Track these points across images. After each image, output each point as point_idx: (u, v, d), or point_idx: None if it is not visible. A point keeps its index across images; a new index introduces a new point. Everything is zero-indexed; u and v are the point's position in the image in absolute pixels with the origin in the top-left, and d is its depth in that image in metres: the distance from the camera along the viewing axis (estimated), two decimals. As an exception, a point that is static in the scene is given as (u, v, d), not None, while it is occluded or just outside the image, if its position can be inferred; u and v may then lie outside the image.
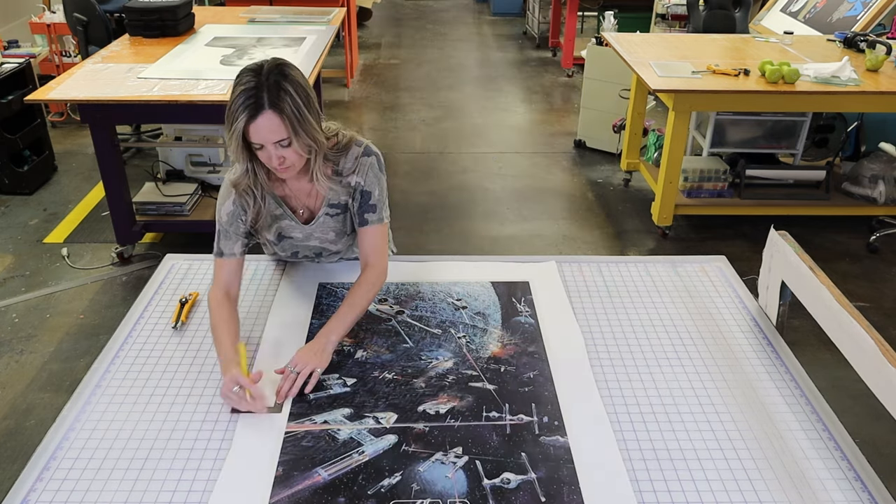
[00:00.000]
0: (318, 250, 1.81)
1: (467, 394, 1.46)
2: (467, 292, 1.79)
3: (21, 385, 2.72)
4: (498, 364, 1.55)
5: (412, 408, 1.42)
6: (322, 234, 1.75)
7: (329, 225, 1.73)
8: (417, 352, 1.58)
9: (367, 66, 6.70)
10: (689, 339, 1.62)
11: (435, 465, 1.29)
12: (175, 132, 3.87)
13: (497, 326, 1.67)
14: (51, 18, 5.12)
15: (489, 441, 1.34)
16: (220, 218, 1.65)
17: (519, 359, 1.56)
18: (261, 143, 1.48)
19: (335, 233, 1.75)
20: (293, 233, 1.74)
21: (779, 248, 1.63)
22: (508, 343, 1.61)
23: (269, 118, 1.44)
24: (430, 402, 1.44)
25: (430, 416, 1.40)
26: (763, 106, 3.61)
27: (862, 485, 1.25)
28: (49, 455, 1.30)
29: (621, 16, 5.03)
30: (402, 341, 1.62)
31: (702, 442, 1.34)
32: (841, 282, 3.35)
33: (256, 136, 1.46)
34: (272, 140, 1.47)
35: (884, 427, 2.45)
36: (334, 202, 1.70)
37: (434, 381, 1.50)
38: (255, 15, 4.52)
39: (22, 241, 3.70)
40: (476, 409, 1.42)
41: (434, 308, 1.73)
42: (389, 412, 1.41)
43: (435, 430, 1.37)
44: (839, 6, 4.67)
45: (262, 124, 1.44)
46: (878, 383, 1.25)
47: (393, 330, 1.65)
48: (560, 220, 4.01)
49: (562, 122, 5.44)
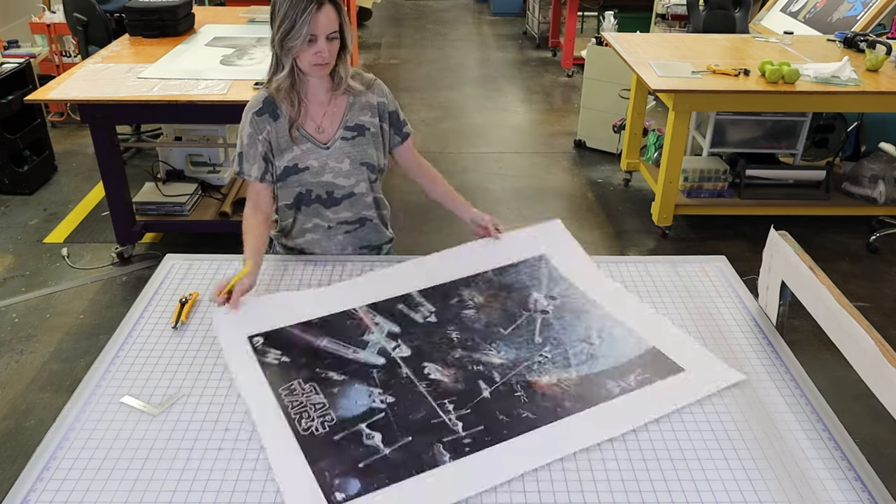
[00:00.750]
0: (329, 188, 1.84)
1: (471, 382, 1.48)
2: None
3: (21, 385, 2.72)
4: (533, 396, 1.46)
5: (425, 358, 1.54)
6: (336, 164, 1.81)
7: (345, 150, 1.81)
8: (499, 339, 1.60)
9: (367, 66, 6.70)
10: (690, 338, 1.62)
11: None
12: (175, 132, 3.87)
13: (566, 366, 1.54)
14: (51, 18, 5.12)
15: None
16: (241, 140, 1.81)
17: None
18: (316, 36, 1.63)
19: (349, 161, 1.82)
20: (309, 160, 1.80)
21: (779, 248, 1.63)
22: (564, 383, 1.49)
23: (329, 10, 1.64)
24: (437, 367, 1.52)
25: (424, 375, 1.50)
26: (763, 106, 3.61)
27: (862, 485, 1.25)
28: (49, 455, 1.30)
29: (621, 16, 5.03)
30: (519, 328, 1.64)
31: (702, 442, 1.33)
32: (841, 282, 3.35)
33: (317, 28, 1.62)
34: (329, 30, 1.64)
35: (884, 427, 2.45)
36: (350, 124, 1.81)
37: (465, 361, 1.54)
38: (255, 15, 4.51)
39: (22, 241, 3.70)
40: (463, 393, 1.45)
41: (566, 331, 1.63)
42: (407, 347, 1.57)
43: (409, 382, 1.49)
44: (839, 6, 4.67)
45: (324, 15, 1.63)
46: (878, 383, 1.25)
47: (526, 323, 1.66)
48: (560, 220, 4.00)
49: (562, 122, 5.44)
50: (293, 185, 1.84)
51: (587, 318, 1.67)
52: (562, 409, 1.40)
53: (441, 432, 1.35)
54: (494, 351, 1.56)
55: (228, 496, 1.22)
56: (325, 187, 1.84)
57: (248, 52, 3.68)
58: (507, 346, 1.58)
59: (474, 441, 1.33)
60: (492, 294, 1.75)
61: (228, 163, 3.89)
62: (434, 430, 1.36)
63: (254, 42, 3.87)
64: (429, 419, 1.38)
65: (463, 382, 1.48)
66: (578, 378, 1.48)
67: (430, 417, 1.39)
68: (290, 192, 1.85)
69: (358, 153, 1.83)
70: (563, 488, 1.24)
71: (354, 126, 1.82)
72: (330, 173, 1.83)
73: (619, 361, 1.53)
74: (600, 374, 1.49)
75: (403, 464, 1.29)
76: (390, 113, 1.87)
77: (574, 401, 1.42)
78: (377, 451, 1.31)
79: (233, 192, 3.73)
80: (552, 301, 1.73)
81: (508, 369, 1.51)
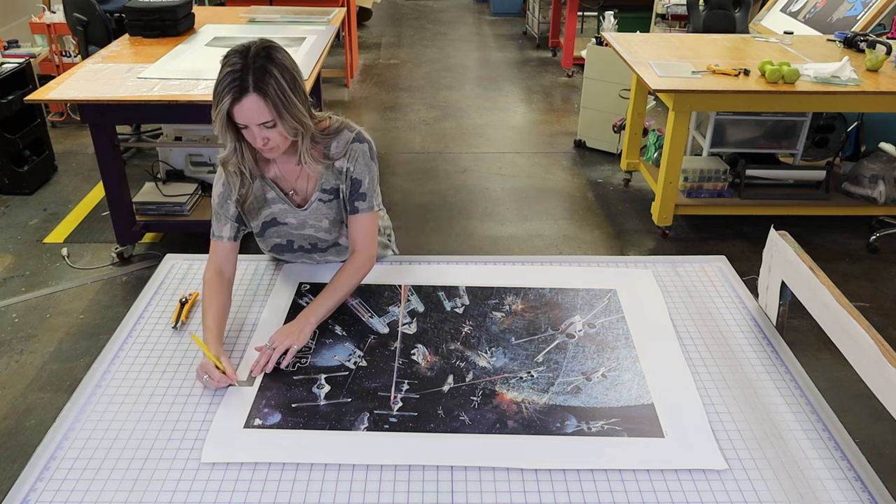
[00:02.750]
0: (312, 240, 1.79)
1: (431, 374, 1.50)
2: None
3: (21, 385, 2.72)
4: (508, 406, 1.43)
5: (422, 340, 1.59)
6: (316, 222, 1.75)
7: (322, 211, 1.73)
8: (503, 346, 1.58)
9: (367, 66, 6.70)
10: (689, 338, 1.62)
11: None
12: (175, 132, 3.86)
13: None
14: (51, 18, 5.12)
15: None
16: (213, 199, 1.72)
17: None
18: (246, 124, 1.51)
19: (329, 220, 1.75)
20: (287, 218, 1.74)
21: (779, 248, 1.63)
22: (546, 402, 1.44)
23: (253, 101, 1.47)
24: (424, 351, 1.56)
25: (408, 354, 1.55)
26: (763, 106, 3.61)
27: (862, 485, 1.25)
28: (49, 455, 1.30)
29: (621, 16, 5.03)
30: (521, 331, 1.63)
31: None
32: (841, 282, 3.35)
33: (241, 117, 1.50)
34: (256, 122, 1.50)
35: (884, 427, 2.45)
36: (326, 187, 1.71)
37: (454, 354, 1.56)
38: (255, 15, 4.52)
39: (22, 241, 3.70)
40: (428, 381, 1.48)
41: (575, 359, 1.56)
42: (416, 327, 1.63)
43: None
44: (839, 6, 4.67)
45: (246, 106, 1.47)
46: (878, 383, 1.25)
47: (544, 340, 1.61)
48: (560, 219, 4.01)
49: (562, 122, 5.44)
50: (273, 237, 1.78)
51: (609, 354, 1.56)
52: (501, 425, 1.36)
53: (378, 404, 1.41)
54: (487, 355, 1.55)
55: (228, 496, 1.22)
56: (307, 239, 1.78)
57: (248, 52, 3.68)
58: (504, 355, 1.56)
59: (398, 423, 1.37)
60: (532, 306, 1.72)
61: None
62: (373, 401, 1.43)
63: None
64: (377, 391, 1.44)
65: (435, 371, 1.50)
66: (544, 405, 1.41)
67: (380, 389, 1.45)
68: (269, 242, 1.80)
69: (336, 214, 1.74)
70: (563, 488, 1.24)
71: (330, 189, 1.71)
72: (311, 228, 1.76)
73: (600, 404, 1.42)
74: (569, 409, 1.40)
75: (326, 417, 1.38)
76: (353, 180, 1.69)
77: (518, 423, 1.37)
78: (315, 399, 1.43)
79: (233, 192, 3.73)
80: (589, 329, 1.64)
81: (485, 374, 1.50)
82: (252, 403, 1.42)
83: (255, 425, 1.36)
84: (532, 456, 1.29)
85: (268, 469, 1.27)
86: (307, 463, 1.28)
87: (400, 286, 1.78)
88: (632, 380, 1.48)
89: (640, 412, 1.40)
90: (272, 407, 1.41)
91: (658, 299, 1.75)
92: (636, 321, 1.67)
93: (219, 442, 1.32)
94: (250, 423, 1.36)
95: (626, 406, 1.41)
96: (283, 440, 1.33)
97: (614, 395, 1.44)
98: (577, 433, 1.35)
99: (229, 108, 1.48)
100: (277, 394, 1.44)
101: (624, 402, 1.43)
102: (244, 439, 1.33)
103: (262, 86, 1.46)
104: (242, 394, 1.44)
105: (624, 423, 1.37)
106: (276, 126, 1.51)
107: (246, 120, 1.50)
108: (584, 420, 1.38)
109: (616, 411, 1.40)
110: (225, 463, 1.28)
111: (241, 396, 1.43)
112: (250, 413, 1.39)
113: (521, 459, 1.28)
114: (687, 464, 1.28)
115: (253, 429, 1.35)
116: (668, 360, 1.54)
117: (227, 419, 1.37)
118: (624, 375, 1.50)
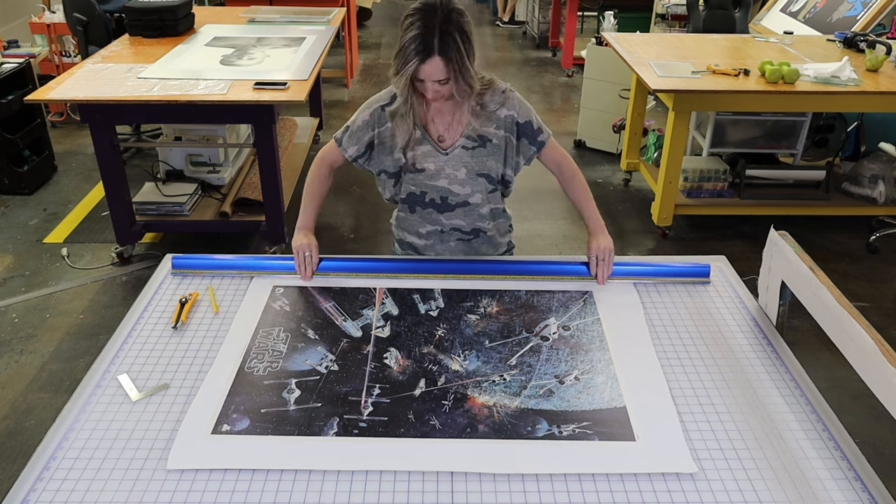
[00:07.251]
0: (444, 193, 1.83)
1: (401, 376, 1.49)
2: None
3: (21, 385, 2.72)
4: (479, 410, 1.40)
5: (395, 344, 1.58)
6: (453, 171, 1.80)
7: (463, 159, 1.80)
8: (476, 349, 1.56)
9: (366, 66, 6.70)
10: (689, 339, 1.62)
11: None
12: (175, 132, 3.86)
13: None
14: (51, 18, 5.12)
15: None
16: (354, 119, 1.86)
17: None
18: (423, 80, 1.65)
19: (466, 170, 1.80)
20: (427, 162, 1.80)
21: (779, 248, 1.63)
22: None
23: (436, 62, 1.61)
24: (397, 355, 1.55)
25: (380, 358, 1.55)
26: (763, 106, 3.61)
27: (862, 485, 1.25)
28: (49, 455, 1.30)
29: (621, 16, 5.03)
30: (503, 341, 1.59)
31: (702, 442, 1.33)
32: (841, 282, 3.35)
33: (421, 73, 1.63)
34: (434, 79, 1.64)
35: (884, 427, 2.46)
36: (473, 135, 1.79)
37: (426, 358, 1.54)
38: (255, 15, 4.52)
39: (22, 241, 3.70)
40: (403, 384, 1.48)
41: (549, 362, 1.54)
42: (389, 330, 1.62)
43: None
44: (839, 6, 4.67)
45: (430, 66, 1.61)
46: (878, 383, 1.25)
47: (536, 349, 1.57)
48: (560, 220, 4.01)
49: (562, 122, 5.44)
50: (408, 184, 1.84)
51: (583, 356, 1.55)
52: (471, 429, 1.35)
53: (348, 409, 1.40)
54: (460, 358, 1.54)
55: (228, 496, 1.22)
56: (439, 192, 1.84)
57: (247, 52, 3.68)
58: (477, 358, 1.54)
59: (367, 427, 1.35)
60: (507, 309, 1.71)
61: (228, 163, 3.89)
62: (343, 406, 1.41)
63: (254, 42, 3.87)
64: (348, 395, 1.43)
65: (407, 375, 1.49)
66: (516, 409, 1.40)
67: (350, 394, 1.44)
68: (405, 189, 1.86)
69: (476, 164, 1.80)
70: (564, 487, 1.24)
71: (477, 136, 1.79)
72: (445, 179, 1.81)
73: (572, 407, 1.40)
74: (540, 413, 1.39)
75: (295, 423, 1.36)
76: (521, 125, 1.82)
77: (489, 427, 1.35)
78: (285, 404, 1.41)
79: (233, 192, 3.73)
80: (563, 331, 1.63)
81: (458, 378, 1.48)
82: (220, 407, 1.39)
83: (224, 431, 1.34)
84: (502, 460, 1.28)
85: (237, 476, 1.26)
86: (276, 469, 1.26)
87: (375, 289, 1.77)
88: (605, 383, 1.47)
89: (612, 415, 1.38)
90: (241, 412, 1.38)
91: (635, 301, 1.74)
92: (611, 323, 1.65)
93: (185, 447, 1.30)
94: (218, 429, 1.34)
95: (598, 409, 1.40)
96: (250, 446, 1.31)
97: (587, 399, 1.43)
98: (548, 437, 1.33)
99: (416, 67, 1.61)
100: (247, 399, 1.42)
101: (596, 405, 1.41)
102: (211, 445, 1.31)
103: (446, 50, 1.60)
104: (210, 399, 1.42)
105: (595, 426, 1.36)
106: (449, 83, 1.65)
107: (425, 76, 1.64)
108: (555, 424, 1.36)
109: (588, 415, 1.38)
110: (205, 468, 1.28)
111: (209, 401, 1.41)
112: (218, 418, 1.37)
113: (490, 464, 1.27)
114: (657, 467, 1.27)
115: (221, 434, 1.33)
116: (642, 363, 1.54)
117: (195, 424, 1.35)
118: (597, 378, 1.48)
